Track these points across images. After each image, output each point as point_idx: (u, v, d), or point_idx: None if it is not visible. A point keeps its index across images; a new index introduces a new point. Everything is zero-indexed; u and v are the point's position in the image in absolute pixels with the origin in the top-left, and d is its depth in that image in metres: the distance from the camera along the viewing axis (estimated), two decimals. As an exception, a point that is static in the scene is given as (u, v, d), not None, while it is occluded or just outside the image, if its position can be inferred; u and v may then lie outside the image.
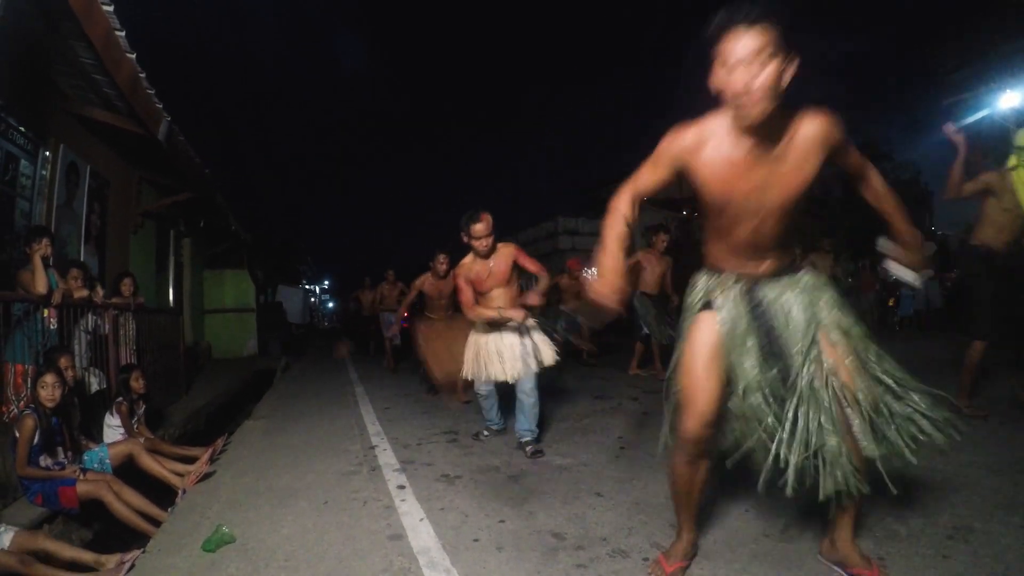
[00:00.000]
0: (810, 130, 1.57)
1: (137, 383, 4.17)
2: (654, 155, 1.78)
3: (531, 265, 3.74)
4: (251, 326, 12.71)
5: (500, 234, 4.04)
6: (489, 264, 3.61)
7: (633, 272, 6.03)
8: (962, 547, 1.93)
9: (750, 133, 1.56)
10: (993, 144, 13.29)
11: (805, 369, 1.71)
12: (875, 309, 11.05)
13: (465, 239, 3.58)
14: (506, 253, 3.65)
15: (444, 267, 5.53)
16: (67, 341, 4.02)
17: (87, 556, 2.59)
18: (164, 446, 4.00)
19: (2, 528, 2.49)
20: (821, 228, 14.67)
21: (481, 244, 3.52)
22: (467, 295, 3.60)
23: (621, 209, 1.83)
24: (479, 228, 3.50)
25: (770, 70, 1.42)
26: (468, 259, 3.66)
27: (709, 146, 1.65)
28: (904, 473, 2.66)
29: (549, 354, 3.60)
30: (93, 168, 5.97)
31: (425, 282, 5.73)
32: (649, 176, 1.80)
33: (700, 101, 1.64)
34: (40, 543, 2.51)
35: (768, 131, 1.55)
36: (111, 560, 2.54)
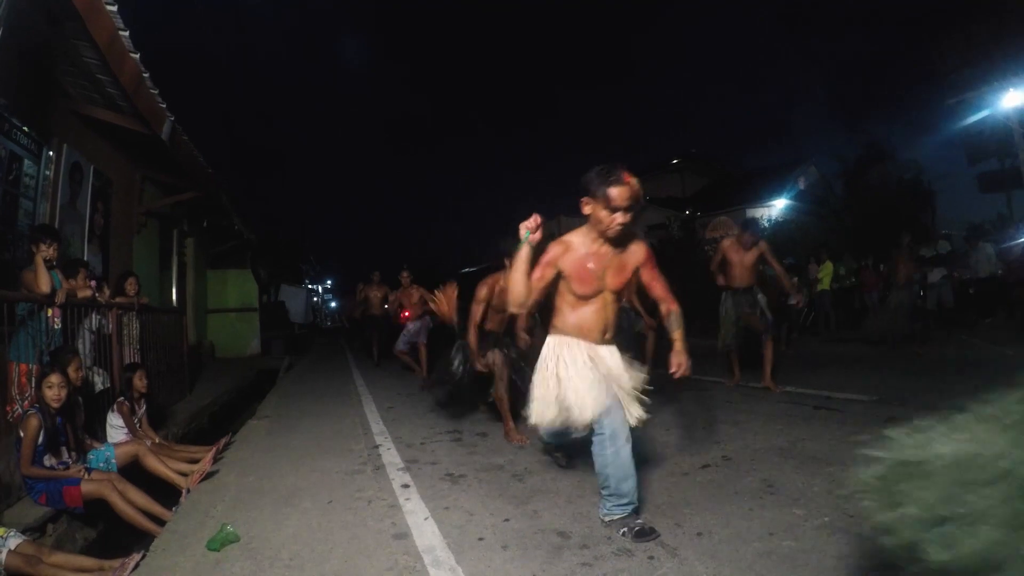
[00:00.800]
0: None
1: (140, 382, 4.17)
2: None
3: (658, 288, 2.48)
4: (254, 326, 12.75)
5: (503, 234, 3.73)
6: (609, 255, 2.37)
7: (720, 267, 5.35)
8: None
9: None
10: (995, 143, 13.24)
11: None
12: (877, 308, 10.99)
13: (587, 207, 2.28)
14: (637, 252, 2.43)
15: None
16: (71, 341, 4.02)
17: (90, 563, 2.59)
18: (172, 449, 4.01)
19: (11, 533, 2.49)
20: (823, 228, 14.68)
21: (616, 221, 2.22)
22: (542, 275, 2.33)
23: None
24: (620, 194, 2.18)
25: None
26: (578, 237, 2.37)
27: None
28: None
29: (637, 409, 2.47)
30: (97, 167, 5.97)
31: (493, 287, 4.25)
32: None
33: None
34: (44, 557, 2.50)
35: None
36: (113, 566, 2.55)
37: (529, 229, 2.18)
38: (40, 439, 2.99)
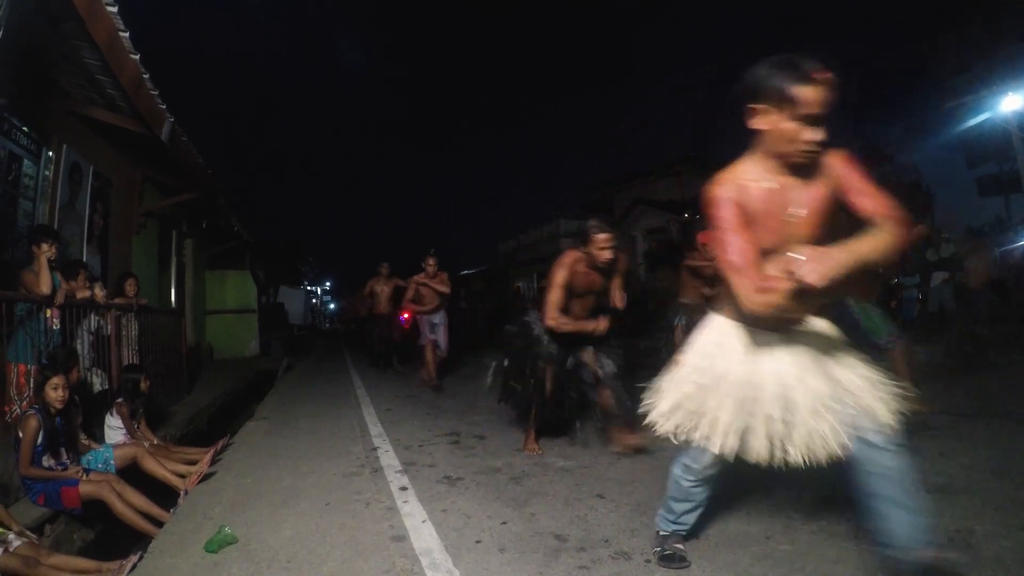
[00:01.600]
0: None
1: (144, 384, 4.24)
2: None
3: (871, 202, 1.59)
4: (253, 327, 12.75)
5: (502, 237, 3.64)
6: (795, 188, 1.65)
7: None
8: (963, 549, 1.93)
9: None
10: (994, 147, 13.25)
11: None
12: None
13: (760, 120, 1.60)
14: (832, 166, 1.63)
15: (606, 252, 3.24)
16: (70, 341, 4.02)
17: (87, 565, 2.59)
18: (170, 450, 4.01)
19: (11, 536, 2.49)
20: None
21: (806, 139, 1.54)
22: (746, 251, 1.61)
23: None
24: (814, 96, 1.49)
25: None
26: (745, 168, 1.70)
27: None
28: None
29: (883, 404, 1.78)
30: (96, 168, 5.97)
31: (573, 268, 3.38)
32: None
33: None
34: (42, 558, 2.50)
35: None
36: (111, 568, 2.55)
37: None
38: (39, 440, 2.99)
